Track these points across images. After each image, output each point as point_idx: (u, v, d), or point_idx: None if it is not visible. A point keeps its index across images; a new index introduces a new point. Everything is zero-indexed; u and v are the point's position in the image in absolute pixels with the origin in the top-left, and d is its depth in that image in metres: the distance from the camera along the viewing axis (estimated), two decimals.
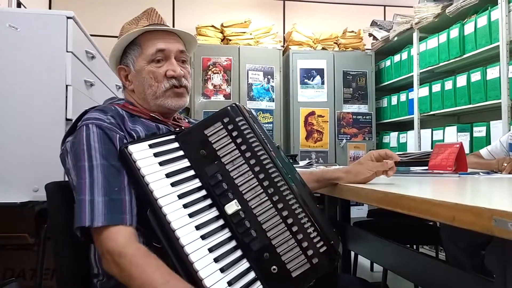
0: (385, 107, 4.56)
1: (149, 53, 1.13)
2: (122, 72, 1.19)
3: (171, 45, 1.15)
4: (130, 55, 1.16)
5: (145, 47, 1.14)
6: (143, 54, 1.14)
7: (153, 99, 1.13)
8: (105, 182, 0.94)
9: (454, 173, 1.52)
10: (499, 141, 2.40)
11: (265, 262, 0.91)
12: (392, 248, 1.40)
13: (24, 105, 1.64)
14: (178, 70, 1.14)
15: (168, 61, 1.14)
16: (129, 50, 1.17)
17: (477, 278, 0.99)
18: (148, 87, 1.13)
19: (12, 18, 1.66)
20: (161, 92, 1.13)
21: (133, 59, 1.16)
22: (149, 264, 0.87)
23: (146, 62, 1.13)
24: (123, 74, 1.19)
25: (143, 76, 1.14)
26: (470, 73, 3.19)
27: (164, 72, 1.13)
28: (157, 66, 1.13)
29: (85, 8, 4.30)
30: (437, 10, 3.54)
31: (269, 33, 4.53)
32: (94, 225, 0.90)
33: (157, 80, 1.13)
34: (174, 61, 1.15)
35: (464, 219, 0.68)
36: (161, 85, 1.13)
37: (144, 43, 1.15)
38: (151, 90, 1.13)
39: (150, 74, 1.13)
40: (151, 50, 1.13)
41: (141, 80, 1.14)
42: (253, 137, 0.98)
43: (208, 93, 4.25)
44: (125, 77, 1.19)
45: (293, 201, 0.94)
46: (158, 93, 1.13)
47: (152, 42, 1.14)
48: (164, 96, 1.13)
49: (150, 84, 1.13)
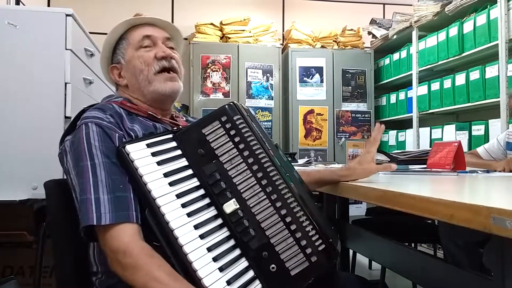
0: (384, 105, 4.57)
1: (136, 40, 1.16)
2: (114, 71, 1.20)
3: (156, 32, 1.19)
4: (119, 49, 1.19)
5: (131, 37, 1.18)
6: (130, 44, 1.17)
7: (146, 85, 1.14)
8: (109, 179, 0.94)
9: (453, 171, 1.52)
10: (497, 139, 2.40)
11: (264, 261, 0.91)
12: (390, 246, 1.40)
13: (23, 102, 1.64)
14: (167, 51, 1.16)
15: (156, 46, 1.17)
16: (118, 47, 1.20)
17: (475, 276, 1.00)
18: (139, 73, 1.14)
19: (11, 16, 1.66)
20: (152, 75, 1.13)
21: (122, 52, 1.18)
22: (154, 263, 0.87)
23: (134, 50, 1.16)
24: (116, 72, 1.20)
25: (133, 64, 1.15)
26: (469, 71, 3.19)
27: (154, 55, 1.15)
28: (146, 51, 1.16)
29: (84, 6, 4.29)
30: (437, 9, 3.54)
31: (268, 31, 4.53)
32: (101, 224, 0.90)
33: (147, 63, 1.14)
34: (162, 45, 1.17)
35: (462, 217, 0.69)
36: (151, 68, 1.14)
37: (130, 35, 1.19)
38: (143, 75, 1.14)
39: (139, 59, 1.14)
40: (138, 37, 1.17)
41: (132, 69, 1.15)
42: (251, 136, 0.98)
43: (207, 91, 4.24)
44: (118, 75, 1.20)
45: (292, 200, 0.94)
46: (150, 77, 1.13)
47: (138, 31, 1.18)
48: (157, 80, 1.14)
49: (141, 69, 1.14)
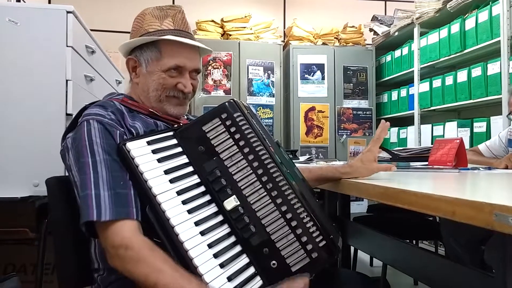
0: (385, 102, 4.56)
1: (167, 65, 1.11)
2: (131, 63, 1.17)
3: (189, 62, 1.14)
4: (146, 53, 1.14)
5: (164, 55, 1.12)
6: (160, 61, 1.12)
7: (155, 101, 1.14)
8: (109, 176, 0.94)
9: (454, 168, 1.52)
10: (498, 136, 2.39)
11: (264, 257, 0.91)
12: (391, 243, 1.40)
13: (24, 100, 1.64)
14: (189, 87, 1.14)
15: (182, 75, 1.14)
16: (146, 49, 1.14)
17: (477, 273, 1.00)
18: (153, 90, 1.13)
19: (12, 13, 1.65)
20: (165, 97, 1.13)
21: (148, 60, 1.13)
22: (156, 256, 0.88)
23: (160, 70, 1.12)
24: (131, 64, 1.17)
25: (153, 79, 1.13)
26: (470, 68, 3.18)
27: (175, 84, 1.13)
28: (170, 76, 1.12)
29: (85, 3, 4.29)
30: (438, 5, 3.53)
31: (269, 28, 4.52)
32: (102, 219, 0.90)
33: (164, 88, 1.12)
34: (188, 77, 1.14)
35: (464, 214, 0.68)
36: (166, 91, 1.13)
37: (164, 51, 1.12)
38: (156, 93, 1.13)
39: (161, 81, 1.12)
40: (170, 63, 1.11)
41: (149, 82, 1.13)
42: (251, 133, 0.98)
43: (208, 88, 4.24)
44: (132, 68, 1.17)
45: (292, 196, 0.94)
46: (162, 97, 1.13)
47: (173, 54, 1.12)
48: (167, 102, 1.14)
49: (156, 88, 1.13)
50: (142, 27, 1.14)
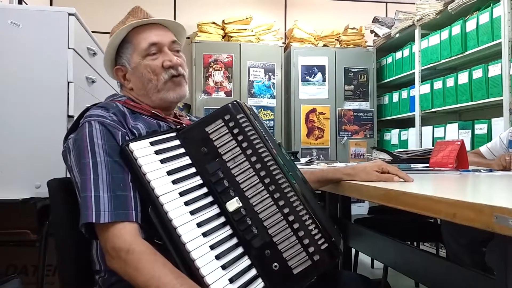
0: (386, 104, 4.56)
1: (142, 48, 1.14)
2: (119, 73, 1.20)
3: (162, 37, 1.17)
4: (124, 54, 1.17)
5: (136, 43, 1.15)
6: (136, 50, 1.15)
7: (155, 93, 1.14)
8: (109, 178, 0.94)
9: (455, 170, 1.52)
10: (499, 137, 2.39)
11: (266, 259, 0.91)
12: (393, 245, 1.40)
13: (26, 101, 1.65)
14: (174, 59, 1.15)
15: (162, 53, 1.15)
16: (122, 50, 1.18)
17: (478, 275, 1.00)
18: (148, 82, 1.14)
19: (14, 15, 1.66)
20: (162, 84, 1.14)
21: (127, 57, 1.17)
22: (156, 261, 0.88)
23: (141, 57, 1.14)
24: (120, 74, 1.20)
25: (140, 71, 1.14)
26: (471, 70, 3.18)
27: (161, 64, 1.14)
28: (152, 59, 1.14)
29: (86, 5, 4.30)
30: (439, 7, 3.53)
31: (270, 30, 4.52)
32: (100, 221, 0.90)
33: (155, 73, 1.13)
34: (168, 51, 1.16)
35: (465, 216, 0.69)
36: (160, 77, 1.14)
37: (135, 39, 1.16)
38: (152, 84, 1.14)
39: (147, 68, 1.14)
40: (144, 45, 1.14)
41: (139, 76, 1.15)
42: (254, 134, 0.98)
43: (209, 90, 4.24)
44: (122, 77, 1.19)
45: (294, 198, 0.94)
46: (159, 86, 1.14)
47: (143, 36, 1.16)
48: (165, 89, 1.14)
49: (149, 78, 1.14)
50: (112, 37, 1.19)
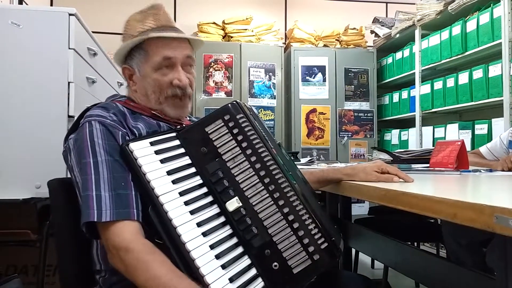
0: (386, 104, 4.56)
1: (156, 61, 1.11)
2: (126, 71, 1.18)
3: (177, 52, 1.13)
4: (136, 58, 1.14)
5: (151, 53, 1.12)
6: (149, 60, 1.12)
7: (156, 103, 1.14)
8: (111, 177, 0.95)
9: (456, 170, 1.52)
10: (499, 138, 2.38)
11: (266, 259, 0.91)
12: (393, 245, 1.40)
13: (26, 102, 1.65)
14: (183, 80, 1.13)
15: (174, 69, 1.13)
16: (135, 53, 1.14)
17: (478, 275, 0.99)
18: (151, 93, 1.13)
19: (14, 15, 1.66)
20: (164, 98, 1.13)
21: (138, 63, 1.14)
22: (155, 260, 0.88)
23: (151, 69, 1.12)
24: (127, 73, 1.18)
25: (148, 81, 1.13)
26: (472, 70, 3.18)
27: (170, 81, 1.12)
28: (162, 74, 1.12)
29: (87, 5, 4.30)
30: (439, 7, 3.53)
31: (270, 30, 4.52)
32: (102, 220, 0.90)
33: (161, 88, 1.12)
34: (180, 69, 1.13)
35: (465, 216, 0.69)
36: (163, 92, 1.12)
37: (151, 49, 1.12)
38: (155, 96, 1.13)
39: (155, 82, 1.12)
40: (158, 58, 1.11)
41: (145, 85, 1.13)
42: (254, 134, 0.98)
43: (210, 90, 4.24)
44: (129, 76, 1.18)
45: (294, 198, 0.94)
46: (161, 99, 1.13)
47: (158, 48, 1.11)
48: (167, 104, 1.13)
49: (154, 90, 1.13)
50: (127, 33, 1.16)
